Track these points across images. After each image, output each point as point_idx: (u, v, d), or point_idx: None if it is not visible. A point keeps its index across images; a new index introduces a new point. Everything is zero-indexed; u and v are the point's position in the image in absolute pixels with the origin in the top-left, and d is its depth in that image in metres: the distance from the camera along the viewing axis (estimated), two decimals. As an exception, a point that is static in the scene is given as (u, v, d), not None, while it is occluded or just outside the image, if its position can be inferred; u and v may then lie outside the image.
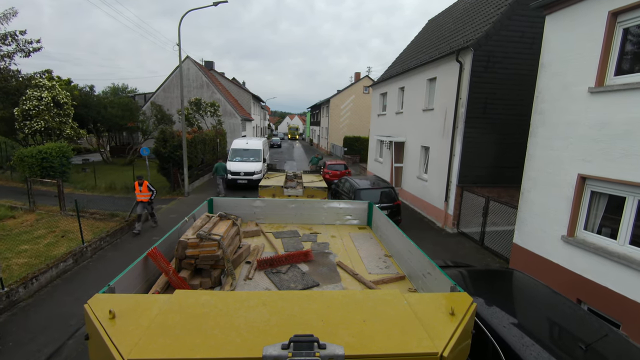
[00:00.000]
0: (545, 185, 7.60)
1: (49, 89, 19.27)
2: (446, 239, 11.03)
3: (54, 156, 17.03)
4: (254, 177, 17.57)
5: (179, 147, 15.89)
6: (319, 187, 10.00)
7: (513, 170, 11.62)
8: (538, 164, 7.84)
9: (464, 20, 13.96)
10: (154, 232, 10.89)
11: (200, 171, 19.37)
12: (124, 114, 25.30)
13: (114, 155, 30.83)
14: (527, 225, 8.14)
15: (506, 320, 3.45)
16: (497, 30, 10.54)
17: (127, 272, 2.74)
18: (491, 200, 9.93)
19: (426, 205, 13.77)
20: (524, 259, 8.21)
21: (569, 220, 7.01)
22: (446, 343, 1.85)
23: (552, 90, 7.44)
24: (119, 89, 45.87)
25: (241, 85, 43.71)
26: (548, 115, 7.55)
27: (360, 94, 40.33)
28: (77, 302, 6.65)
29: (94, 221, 11.86)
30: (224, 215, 3.88)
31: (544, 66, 7.70)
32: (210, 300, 2.17)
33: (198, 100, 25.20)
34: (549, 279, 7.44)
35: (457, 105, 11.31)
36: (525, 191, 8.22)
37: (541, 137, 7.74)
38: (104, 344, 1.75)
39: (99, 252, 9.03)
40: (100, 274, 7.85)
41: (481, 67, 10.70)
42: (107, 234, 9.55)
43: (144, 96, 36.07)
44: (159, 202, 14.74)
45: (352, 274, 3.53)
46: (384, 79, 19.16)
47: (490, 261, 9.30)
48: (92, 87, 26.51)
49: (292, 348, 1.66)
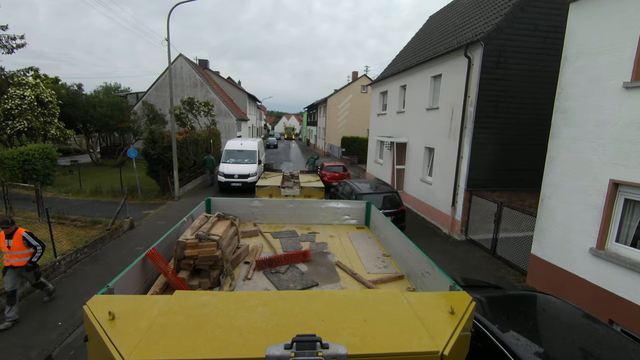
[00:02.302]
0: (570, 191, 6.85)
1: (33, 87, 18.30)
2: (454, 248, 10.27)
3: (37, 158, 16.10)
4: (249, 179, 16.73)
5: (168, 149, 15.01)
6: (316, 187, 10.08)
7: (525, 173, 10.90)
8: (561, 168, 7.09)
9: (470, 14, 13.22)
10: (138, 242, 10.03)
11: (193, 173, 18.48)
12: (113, 114, 24.32)
13: (104, 157, 29.81)
14: (547, 236, 7.39)
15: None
16: (509, 22, 9.80)
17: (125, 273, 2.68)
18: (504, 207, 9.17)
19: (431, 210, 13.01)
20: (545, 272, 7.47)
21: (598, 231, 6.27)
22: (446, 342, 1.84)
23: (578, 85, 6.69)
24: (112, 88, 44.69)
25: (236, 85, 42.79)
26: (573, 113, 6.80)
27: (358, 93, 39.56)
28: (42, 329, 5.80)
29: (74, 229, 10.98)
30: (222, 215, 3.85)
31: (567, 59, 6.95)
32: (211, 300, 2.15)
33: (191, 99, 24.28)
34: (574, 296, 6.70)
35: (465, 103, 10.55)
36: (545, 198, 7.47)
37: (565, 138, 7.00)
38: (104, 346, 1.72)
39: (75, 266, 8.15)
40: (74, 291, 7.00)
41: (492, 63, 9.94)
42: (86, 245, 8.67)
43: (136, 95, 35.03)
44: (147, 207, 13.87)
45: (351, 274, 3.51)
46: (384, 76, 18.39)
47: (505, 273, 8.54)
48: (80, 85, 25.29)
49: (294, 348, 1.65)
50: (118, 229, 10.37)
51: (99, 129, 26.08)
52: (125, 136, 30.27)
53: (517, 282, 8.05)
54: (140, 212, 12.99)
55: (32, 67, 20.12)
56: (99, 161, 26.24)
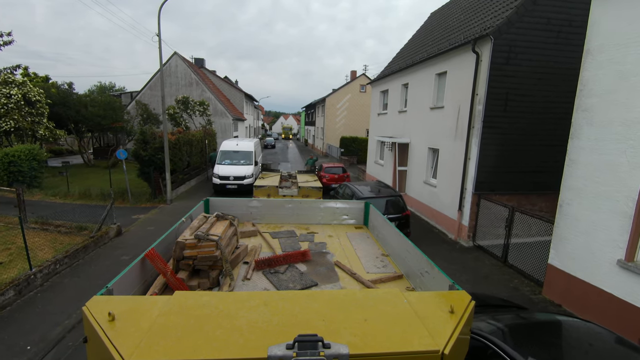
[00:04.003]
0: (593, 197, 6.27)
1: (19, 85, 17.58)
2: (462, 255, 9.68)
3: (23, 159, 15.39)
4: (245, 181, 16.09)
5: (160, 150, 14.34)
6: (313, 187, 10.09)
7: (535, 175, 10.33)
8: (583, 171, 6.51)
9: (476, 8, 12.64)
10: (125, 250, 9.38)
11: (186, 175, 17.81)
12: (106, 113, 23.55)
13: (98, 158, 29.05)
14: (567, 245, 6.81)
15: None
16: (521, 16, 9.22)
17: (124, 274, 2.65)
18: (517, 212, 8.59)
19: (435, 214, 12.42)
20: (564, 284, 6.89)
21: (627, 241, 5.69)
22: (447, 341, 1.83)
23: (603, 81, 6.11)
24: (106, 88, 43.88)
25: (233, 84, 42.10)
26: (597, 112, 6.22)
27: (356, 92, 38.95)
28: (7, 355, 5.16)
29: (58, 235, 10.32)
30: (221, 215, 3.81)
31: (590, 53, 6.36)
32: (211, 301, 2.13)
33: (186, 98, 23.60)
34: (598, 311, 6.12)
35: (473, 102, 9.97)
36: (564, 204, 6.89)
37: (587, 139, 6.41)
38: (104, 347, 1.70)
39: (54, 278, 7.50)
40: (49, 309, 6.36)
41: (502, 59, 9.36)
42: (66, 255, 8.01)
43: (131, 95, 34.30)
44: (137, 211, 13.21)
45: (350, 274, 3.49)
46: (385, 75, 17.80)
47: (518, 283, 7.96)
48: (71, 84, 24.49)
49: (296, 348, 1.63)
50: (104, 236, 9.72)
51: (91, 129, 25.33)
52: (119, 136, 29.54)
53: (533, 293, 7.47)
54: (129, 217, 12.33)
55: (20, 64, 19.35)
56: (91, 162, 25.51)
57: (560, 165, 10.38)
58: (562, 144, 10.14)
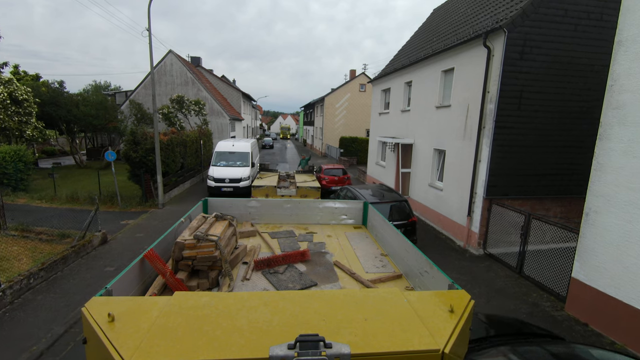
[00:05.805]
0: (627, 205, 5.61)
1: (5, 83, 16.83)
2: (473, 264, 9.02)
3: (8, 161, 14.70)
4: (241, 184, 15.40)
5: (151, 151, 13.62)
6: (311, 187, 10.09)
7: (550, 178, 9.68)
8: (614, 176, 5.84)
9: (483, 1, 11.98)
10: (109, 260, 8.68)
11: (180, 177, 17.09)
12: (98, 113, 22.80)
13: (91, 158, 28.31)
14: (594, 257, 6.15)
15: None
16: (536, 7, 8.56)
17: (123, 275, 2.59)
18: (534, 219, 7.93)
19: (442, 219, 11.76)
20: (590, 300, 6.23)
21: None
22: (447, 340, 1.83)
23: (637, 75, 5.45)
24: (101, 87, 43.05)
25: (231, 83, 41.34)
26: (631, 110, 5.56)
27: (356, 92, 38.25)
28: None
29: (38, 243, 9.62)
30: (220, 215, 3.79)
31: (622, 44, 5.70)
32: (211, 301, 2.10)
33: (180, 97, 22.86)
34: (632, 332, 5.47)
35: (483, 100, 9.30)
36: (591, 212, 6.22)
37: (619, 141, 5.75)
38: (104, 348, 1.70)
39: (26, 294, 6.78)
40: (15, 333, 5.66)
41: (516, 54, 8.70)
42: (42, 267, 7.30)
43: (125, 94, 33.51)
44: (127, 216, 12.50)
45: (349, 273, 3.49)
46: (387, 73, 17.12)
47: (537, 298, 7.30)
48: (62, 82, 23.72)
49: (298, 348, 1.63)
50: (87, 244, 9.00)
51: (83, 129, 24.57)
52: (112, 137, 28.77)
53: (555, 309, 6.81)
54: (117, 222, 11.63)
55: (7, 62, 18.61)
56: (83, 163, 24.74)
57: (577, 168, 9.79)
58: (579, 145, 9.56)
